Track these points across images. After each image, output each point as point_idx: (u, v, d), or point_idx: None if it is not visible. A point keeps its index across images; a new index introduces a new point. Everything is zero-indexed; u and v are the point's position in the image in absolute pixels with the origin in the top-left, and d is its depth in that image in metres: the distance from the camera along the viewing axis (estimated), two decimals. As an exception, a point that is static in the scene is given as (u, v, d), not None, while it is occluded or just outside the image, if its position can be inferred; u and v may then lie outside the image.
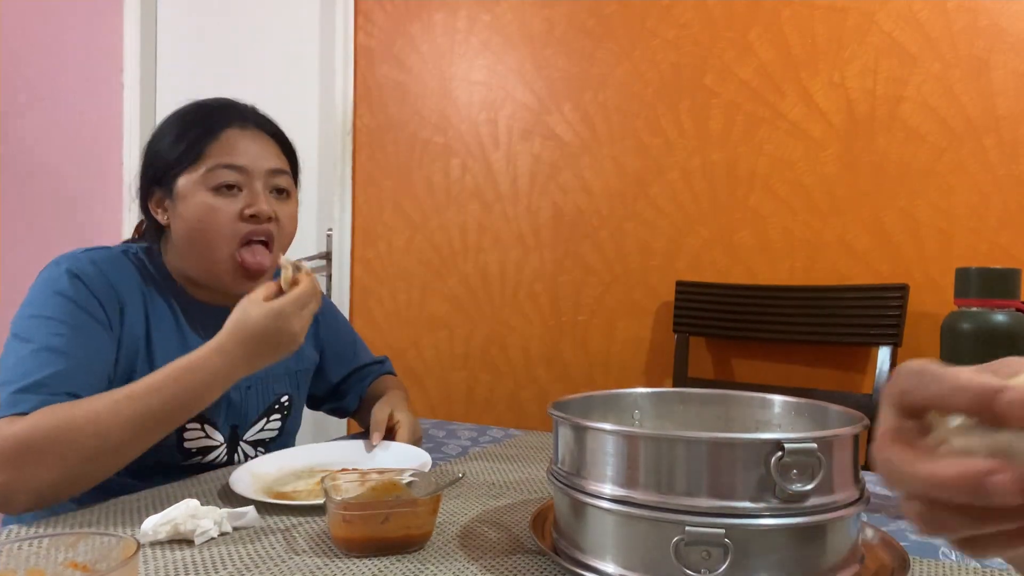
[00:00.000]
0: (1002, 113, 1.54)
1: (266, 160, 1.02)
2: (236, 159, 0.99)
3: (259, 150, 1.02)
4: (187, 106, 1.06)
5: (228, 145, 1.00)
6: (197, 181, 0.99)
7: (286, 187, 1.05)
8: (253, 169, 1.00)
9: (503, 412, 2.08)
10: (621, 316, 1.93)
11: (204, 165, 0.99)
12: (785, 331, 1.68)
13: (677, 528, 0.57)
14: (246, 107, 1.07)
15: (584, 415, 0.71)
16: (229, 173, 0.99)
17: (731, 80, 1.79)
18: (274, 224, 1.02)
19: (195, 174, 0.99)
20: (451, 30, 2.14)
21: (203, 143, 1.00)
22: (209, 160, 0.99)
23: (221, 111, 1.03)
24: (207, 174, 0.98)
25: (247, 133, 1.02)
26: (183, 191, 1.00)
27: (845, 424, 0.64)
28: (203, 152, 0.99)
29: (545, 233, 2.02)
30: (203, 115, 1.03)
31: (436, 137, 2.16)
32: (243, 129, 1.02)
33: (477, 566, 0.67)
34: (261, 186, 1.01)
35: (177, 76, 2.60)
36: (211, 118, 1.02)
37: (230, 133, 1.01)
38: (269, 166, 1.02)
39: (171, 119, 1.05)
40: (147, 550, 0.70)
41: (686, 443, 0.59)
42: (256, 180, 1.01)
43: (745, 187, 1.78)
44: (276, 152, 1.05)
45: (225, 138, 1.00)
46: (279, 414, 1.13)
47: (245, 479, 0.89)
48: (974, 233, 1.57)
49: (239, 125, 1.02)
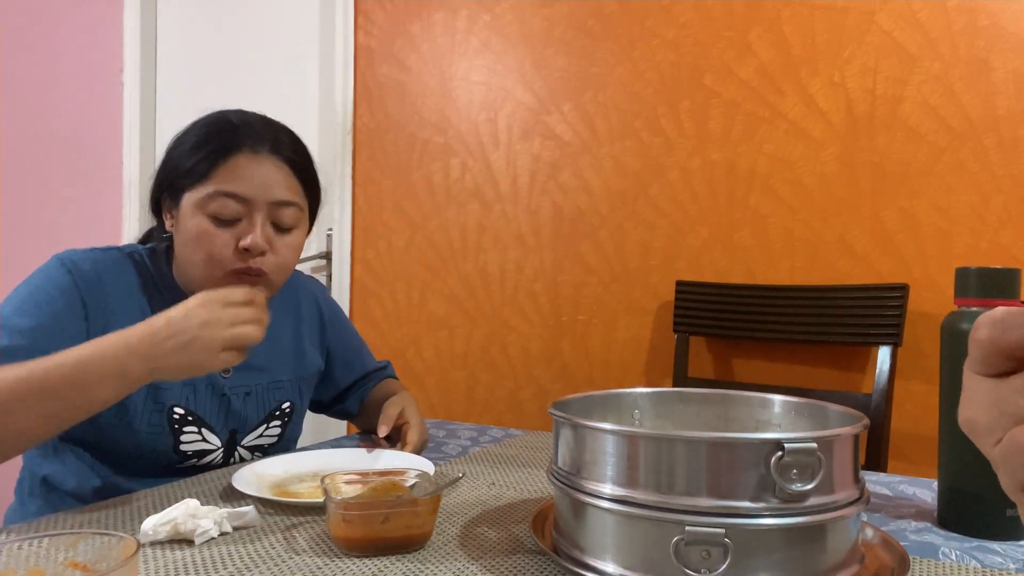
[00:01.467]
0: (1002, 113, 1.54)
1: (272, 191, 0.97)
2: (239, 188, 0.95)
3: (267, 179, 0.97)
4: (214, 115, 1.01)
5: (234, 172, 0.95)
6: (197, 203, 0.95)
7: (290, 224, 1.00)
8: (255, 199, 0.96)
9: (503, 412, 2.08)
10: (621, 316, 1.93)
11: (207, 187, 0.95)
12: (785, 331, 1.68)
13: (677, 528, 0.57)
14: (267, 129, 1.00)
15: (584, 415, 0.71)
16: (228, 202, 0.94)
17: (731, 80, 1.79)
18: (269, 257, 0.97)
19: (197, 195, 0.95)
20: (451, 30, 2.14)
21: (212, 162, 0.95)
22: (213, 183, 0.95)
23: (237, 132, 0.98)
24: (207, 199, 0.95)
25: (257, 159, 0.97)
26: (185, 208, 0.97)
27: (845, 424, 0.64)
28: (210, 173, 0.95)
29: (545, 233, 2.02)
30: (221, 130, 0.98)
31: (436, 137, 2.16)
32: (254, 154, 0.97)
33: (477, 566, 0.67)
34: (262, 218, 0.96)
35: (177, 76, 2.60)
36: (226, 136, 0.97)
37: (240, 158, 0.96)
38: (274, 198, 0.97)
39: (196, 125, 1.01)
40: (147, 550, 0.70)
41: (686, 443, 0.59)
42: (257, 212, 0.96)
43: (745, 187, 1.78)
44: (287, 182, 0.99)
45: (233, 163, 0.95)
46: (279, 421, 1.13)
47: (249, 478, 0.90)
48: (974, 233, 1.57)
49: (251, 150, 0.97)
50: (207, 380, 1.04)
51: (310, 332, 1.20)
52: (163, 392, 0.99)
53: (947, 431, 0.80)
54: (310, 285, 1.26)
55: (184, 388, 1.02)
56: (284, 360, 1.15)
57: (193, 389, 1.02)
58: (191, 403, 1.01)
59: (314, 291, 1.25)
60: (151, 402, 0.98)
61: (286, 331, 1.17)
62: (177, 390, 1.01)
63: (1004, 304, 0.76)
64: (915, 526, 0.81)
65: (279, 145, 1.00)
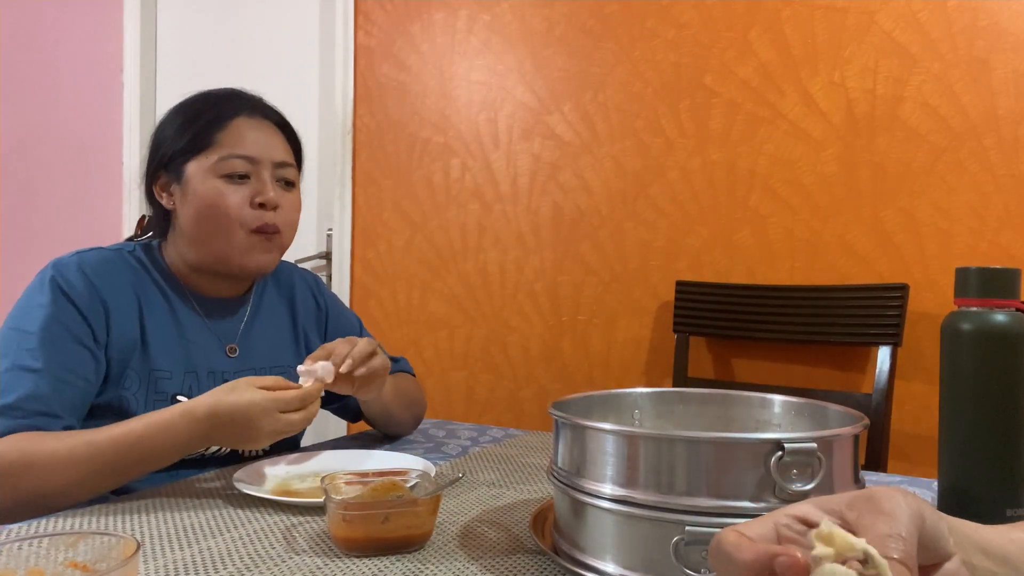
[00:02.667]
0: (1002, 113, 1.54)
1: (274, 151, 1.05)
2: (246, 149, 1.02)
3: (267, 141, 1.04)
4: (194, 96, 1.07)
5: (238, 135, 1.02)
6: (208, 168, 1.01)
7: (292, 179, 1.08)
8: (262, 159, 1.03)
9: (503, 412, 2.08)
10: (621, 316, 1.93)
11: (216, 153, 1.01)
12: (785, 331, 1.68)
13: (677, 528, 0.57)
14: (254, 96, 1.09)
15: (584, 415, 0.71)
16: (240, 163, 1.01)
17: (731, 80, 1.79)
18: (280, 212, 1.05)
19: (206, 161, 1.01)
20: (451, 30, 2.14)
21: (213, 131, 1.02)
22: (221, 149, 1.01)
23: (230, 100, 1.05)
24: (219, 163, 1.01)
25: (255, 123, 1.05)
26: (193, 176, 1.01)
27: (845, 424, 0.64)
28: (213, 140, 1.02)
29: (545, 233, 2.02)
30: (212, 103, 1.05)
31: (436, 137, 2.16)
32: (251, 118, 1.05)
33: (477, 566, 0.67)
34: (268, 176, 1.03)
35: (177, 76, 2.60)
36: (220, 106, 1.04)
37: (240, 122, 1.03)
38: (277, 158, 1.05)
39: (177, 108, 1.07)
40: (147, 550, 0.70)
41: (686, 443, 0.59)
42: (264, 170, 1.03)
43: (745, 187, 1.78)
44: (282, 143, 1.08)
45: (235, 127, 1.03)
46: None
47: (250, 478, 0.90)
48: (974, 233, 1.57)
49: (248, 114, 1.04)
50: (208, 368, 1.05)
51: (308, 321, 1.21)
52: (163, 382, 1.00)
53: (947, 431, 0.79)
54: (305, 276, 1.26)
55: (187, 376, 1.02)
56: (285, 348, 1.15)
57: (196, 377, 1.03)
58: (194, 392, 1.01)
59: (308, 282, 1.25)
60: (153, 392, 0.99)
61: (285, 321, 1.17)
62: (179, 379, 1.02)
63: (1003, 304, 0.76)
64: (915, 526, 0.81)
65: (268, 110, 1.08)
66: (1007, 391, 0.76)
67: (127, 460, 0.85)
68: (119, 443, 0.85)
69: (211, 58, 2.52)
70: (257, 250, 1.03)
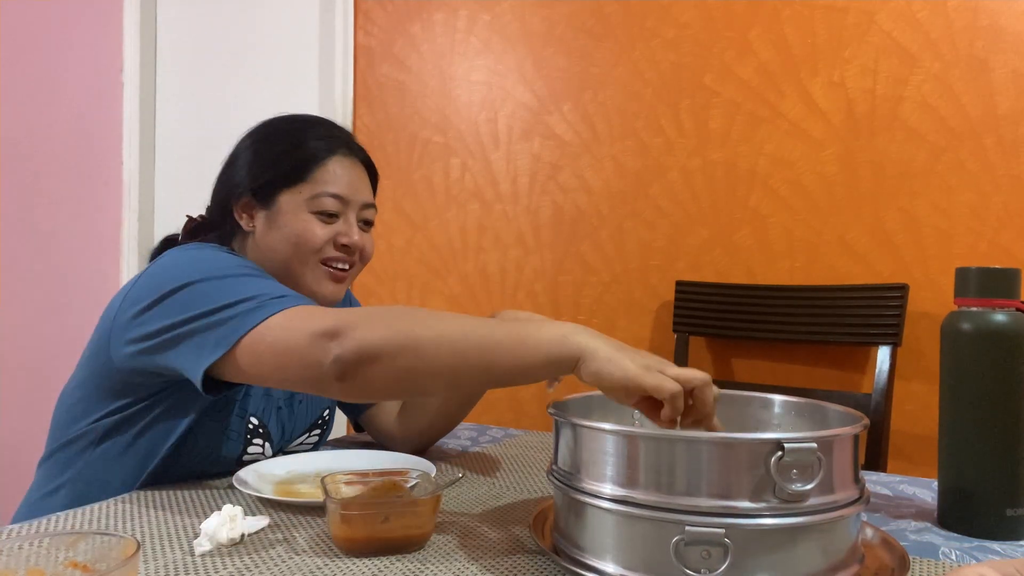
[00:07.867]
0: (1002, 113, 1.54)
1: (362, 193, 1.06)
2: (340, 189, 1.03)
3: (358, 182, 1.06)
4: (289, 121, 1.08)
5: (334, 174, 1.03)
6: (301, 202, 1.01)
7: (372, 220, 1.10)
8: (352, 200, 1.04)
9: (503, 412, 2.08)
10: (621, 316, 1.93)
11: (310, 189, 1.01)
12: (785, 331, 1.68)
13: (677, 528, 0.57)
14: (347, 132, 1.11)
15: (584, 415, 0.71)
16: (332, 202, 1.02)
17: (731, 80, 1.79)
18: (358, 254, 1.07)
19: (299, 195, 1.01)
20: (451, 30, 2.14)
21: (312, 166, 1.02)
22: (316, 185, 1.02)
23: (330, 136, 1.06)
24: (312, 200, 1.01)
25: (349, 163, 1.06)
26: (285, 207, 1.01)
27: (845, 424, 0.64)
28: (310, 176, 1.02)
29: (545, 233, 2.02)
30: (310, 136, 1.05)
31: (436, 137, 2.16)
32: (346, 158, 1.06)
33: (477, 566, 0.67)
34: (354, 217, 1.05)
35: (177, 76, 2.60)
36: (319, 142, 1.04)
37: (337, 161, 1.04)
38: (364, 200, 1.06)
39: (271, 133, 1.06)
40: (147, 550, 0.70)
41: (686, 443, 0.59)
42: (351, 211, 1.04)
43: (745, 187, 1.78)
44: (368, 184, 1.09)
45: (332, 166, 1.03)
46: (319, 429, 1.14)
47: (250, 478, 0.90)
48: (974, 233, 1.57)
49: (344, 154, 1.06)
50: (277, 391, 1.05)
51: None
52: (248, 399, 1.00)
53: (947, 431, 0.80)
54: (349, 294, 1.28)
55: (263, 399, 1.02)
56: None
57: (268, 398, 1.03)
58: (264, 414, 1.02)
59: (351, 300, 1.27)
60: (240, 408, 0.99)
61: None
62: (258, 400, 1.01)
63: (1003, 304, 0.76)
64: (915, 526, 0.81)
65: (359, 150, 1.10)
66: (1007, 391, 0.76)
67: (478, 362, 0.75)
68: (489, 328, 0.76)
69: (211, 58, 2.52)
70: (330, 281, 1.04)
